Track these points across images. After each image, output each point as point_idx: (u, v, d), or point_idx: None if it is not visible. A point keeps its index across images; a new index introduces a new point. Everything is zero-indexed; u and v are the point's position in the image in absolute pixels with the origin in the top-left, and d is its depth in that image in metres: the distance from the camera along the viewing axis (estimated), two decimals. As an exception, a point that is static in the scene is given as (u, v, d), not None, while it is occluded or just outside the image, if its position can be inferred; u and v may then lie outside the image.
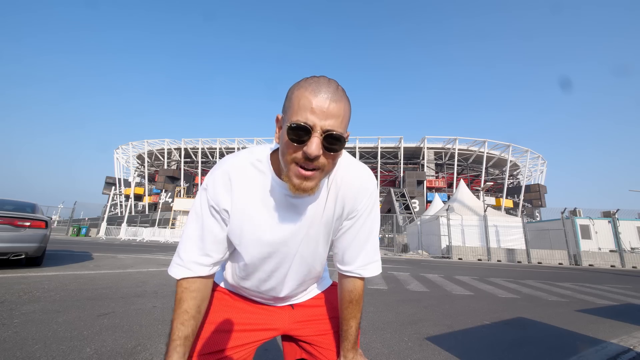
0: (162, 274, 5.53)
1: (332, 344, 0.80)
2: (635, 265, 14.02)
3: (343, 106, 0.55)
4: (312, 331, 0.81)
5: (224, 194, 0.66)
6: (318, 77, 0.57)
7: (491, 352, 2.40)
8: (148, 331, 2.42)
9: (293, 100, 0.55)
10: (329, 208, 0.68)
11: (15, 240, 4.86)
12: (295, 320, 0.82)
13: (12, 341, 2.07)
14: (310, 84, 0.54)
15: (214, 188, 0.66)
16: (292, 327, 0.81)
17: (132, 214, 38.62)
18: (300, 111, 0.53)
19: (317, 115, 0.52)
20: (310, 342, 0.80)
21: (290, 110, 0.55)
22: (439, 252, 16.48)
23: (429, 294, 4.80)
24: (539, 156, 40.92)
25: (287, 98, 0.58)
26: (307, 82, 0.55)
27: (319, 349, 0.79)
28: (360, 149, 41.97)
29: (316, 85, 0.54)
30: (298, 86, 0.56)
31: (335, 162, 0.59)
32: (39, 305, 3.01)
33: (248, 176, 0.66)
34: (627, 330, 3.12)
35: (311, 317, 0.83)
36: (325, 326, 0.82)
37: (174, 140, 46.08)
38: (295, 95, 0.55)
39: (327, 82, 0.55)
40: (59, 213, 39.07)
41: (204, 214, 0.67)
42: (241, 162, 0.67)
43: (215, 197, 0.66)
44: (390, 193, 36.93)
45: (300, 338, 0.81)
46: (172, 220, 28.54)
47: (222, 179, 0.66)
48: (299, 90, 0.55)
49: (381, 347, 2.35)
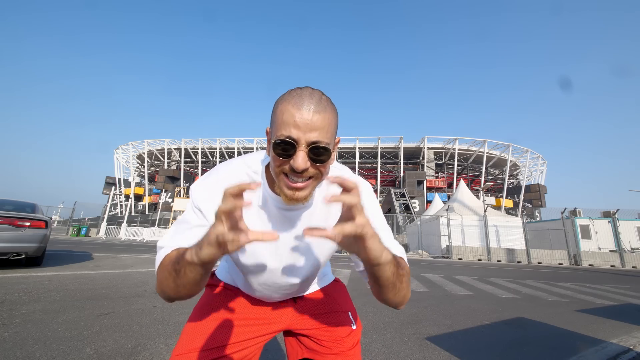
0: (162, 274, 5.53)
1: (335, 337, 0.80)
2: (635, 265, 14.02)
3: (327, 116, 0.55)
4: (315, 324, 0.81)
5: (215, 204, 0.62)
6: (302, 88, 0.56)
7: (491, 352, 2.40)
8: (148, 331, 2.42)
9: (277, 114, 0.55)
10: (326, 220, 0.68)
11: (15, 240, 4.86)
12: (298, 314, 0.82)
13: (12, 341, 2.07)
14: (293, 97, 0.54)
15: (207, 194, 0.64)
16: (295, 322, 0.82)
17: (132, 214, 38.62)
18: (284, 126, 0.53)
19: (300, 129, 0.52)
20: (313, 337, 0.80)
21: (275, 125, 0.55)
22: (439, 252, 16.48)
23: (429, 294, 4.80)
24: (539, 156, 40.91)
25: (272, 112, 0.57)
26: (290, 95, 0.55)
27: (323, 342, 0.79)
28: (360, 149, 41.95)
29: (299, 99, 0.53)
30: (282, 100, 0.56)
31: (326, 169, 0.58)
32: (39, 305, 3.01)
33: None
34: (627, 330, 3.12)
35: (314, 311, 0.83)
36: (328, 319, 0.82)
37: (174, 140, 46.10)
38: (280, 110, 0.54)
39: (309, 94, 0.55)
40: (59, 213, 39.12)
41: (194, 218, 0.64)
42: (237, 174, 0.66)
43: (206, 204, 0.63)
44: (390, 193, 36.94)
45: (303, 332, 0.81)
46: (172, 220, 28.47)
47: (216, 188, 0.63)
48: (282, 105, 0.54)
49: (381, 347, 2.35)
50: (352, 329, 0.83)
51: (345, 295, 0.91)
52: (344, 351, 0.78)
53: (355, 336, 0.83)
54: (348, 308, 0.87)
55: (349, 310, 0.86)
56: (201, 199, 0.64)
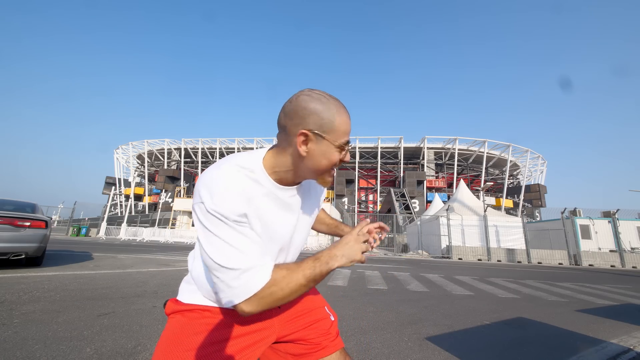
0: (162, 274, 5.54)
1: (322, 332, 0.84)
2: (635, 265, 14.02)
3: None
4: (301, 325, 0.84)
5: (243, 202, 0.64)
6: (333, 98, 0.68)
7: (491, 352, 2.40)
8: (148, 331, 2.42)
9: (337, 124, 0.66)
10: (312, 193, 0.84)
11: (15, 240, 4.86)
12: (284, 321, 0.83)
13: (12, 341, 2.07)
14: (340, 108, 0.68)
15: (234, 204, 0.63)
16: (282, 327, 0.82)
17: (132, 214, 38.63)
18: (346, 134, 0.68)
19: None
20: (301, 340, 0.82)
21: (336, 133, 0.67)
22: (439, 252, 16.47)
23: (429, 294, 4.80)
24: (539, 156, 40.92)
25: (321, 118, 0.65)
26: (338, 107, 0.67)
27: (312, 339, 0.82)
28: (361, 149, 41.96)
29: (345, 111, 0.69)
30: (337, 111, 0.67)
31: None
32: (39, 305, 3.01)
33: (248, 185, 0.66)
34: (627, 330, 3.12)
35: (296, 313, 0.86)
36: (310, 318, 0.86)
37: (174, 140, 46.09)
38: (338, 122, 0.66)
39: (341, 103, 0.70)
40: (59, 213, 39.10)
41: (245, 230, 0.65)
42: (240, 179, 0.66)
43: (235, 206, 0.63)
44: (390, 193, 36.92)
45: (291, 337, 0.82)
46: (172, 220, 28.49)
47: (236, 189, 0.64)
48: (341, 117, 0.67)
49: (381, 347, 2.35)
50: (332, 320, 0.90)
51: (316, 292, 0.96)
52: (332, 341, 0.85)
53: (336, 326, 0.91)
54: (323, 303, 0.95)
55: (324, 305, 0.94)
56: (235, 210, 0.62)
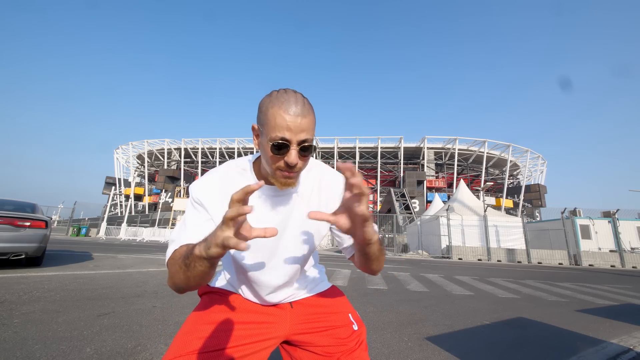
0: (162, 274, 5.54)
1: (336, 339, 0.79)
2: (635, 265, 14.02)
3: (311, 118, 0.66)
4: (314, 327, 0.81)
5: (214, 198, 0.73)
6: (286, 92, 0.65)
7: (491, 352, 2.40)
8: (148, 331, 2.42)
9: (269, 118, 0.63)
10: (313, 202, 0.78)
11: (15, 240, 4.86)
12: (297, 317, 0.82)
13: (12, 341, 2.07)
14: (282, 103, 0.63)
15: (205, 189, 0.74)
16: (294, 325, 0.81)
17: (132, 214, 38.64)
18: (277, 129, 0.62)
19: (292, 131, 0.62)
20: (313, 345, 0.79)
21: (267, 127, 0.64)
22: (439, 252, 16.48)
23: (429, 294, 4.80)
24: (539, 156, 40.92)
25: (262, 112, 0.66)
26: (279, 101, 0.64)
27: (323, 347, 0.78)
28: (360, 149, 41.98)
29: (288, 105, 0.63)
30: (272, 104, 0.64)
31: (307, 161, 0.70)
32: (39, 305, 3.01)
33: (235, 182, 0.74)
34: (627, 330, 3.12)
35: (312, 312, 0.83)
36: (327, 321, 0.82)
37: (174, 140, 46.11)
38: (271, 114, 0.63)
39: (295, 99, 0.64)
40: (59, 213, 39.04)
41: (198, 214, 0.73)
42: (228, 171, 0.77)
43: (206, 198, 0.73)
44: (390, 193, 36.91)
45: (302, 339, 0.81)
46: (172, 220, 28.47)
47: (212, 183, 0.75)
48: (273, 109, 0.63)
49: (381, 347, 2.35)
50: (354, 330, 0.82)
51: (343, 299, 0.90)
52: (347, 354, 0.77)
53: (359, 336, 0.82)
54: (348, 310, 0.87)
55: (349, 312, 0.86)
56: (200, 194, 0.73)
